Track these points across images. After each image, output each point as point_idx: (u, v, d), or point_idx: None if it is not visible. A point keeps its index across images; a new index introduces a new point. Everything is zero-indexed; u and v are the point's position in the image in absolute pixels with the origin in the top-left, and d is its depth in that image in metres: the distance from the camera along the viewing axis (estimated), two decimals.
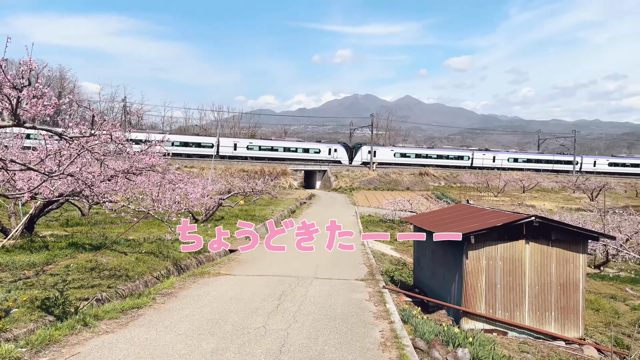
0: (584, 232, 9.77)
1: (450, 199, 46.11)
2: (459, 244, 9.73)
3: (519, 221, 9.48)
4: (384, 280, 12.14)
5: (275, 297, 9.36)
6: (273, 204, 32.54)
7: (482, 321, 9.63)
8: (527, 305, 9.67)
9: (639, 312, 14.26)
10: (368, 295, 9.79)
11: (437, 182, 64.20)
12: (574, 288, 9.83)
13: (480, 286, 9.60)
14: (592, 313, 13.62)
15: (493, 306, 9.64)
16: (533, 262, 9.69)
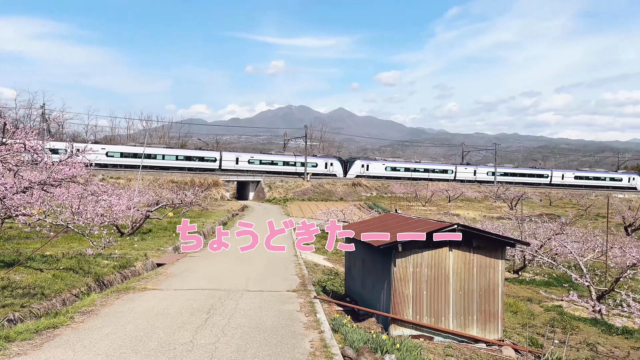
0: (502, 239, 10.37)
1: (381, 208, 47.27)
2: (388, 252, 9.99)
3: (443, 229, 9.89)
4: (316, 291, 12.21)
5: (204, 311, 9.12)
6: (204, 216, 31.80)
7: (409, 327, 9.91)
8: (452, 310, 10.08)
9: (552, 313, 15.27)
10: (299, 306, 9.79)
11: (370, 193, 65.68)
12: (494, 292, 10.38)
13: (408, 293, 9.90)
14: (510, 315, 14.41)
15: (420, 312, 9.96)
16: (456, 269, 10.13)
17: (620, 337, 13.37)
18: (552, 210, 56.88)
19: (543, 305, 16.45)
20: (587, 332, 13.52)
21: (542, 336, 12.38)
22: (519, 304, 15.70)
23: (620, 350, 12.18)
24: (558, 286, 19.49)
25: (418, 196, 59.94)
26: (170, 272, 13.69)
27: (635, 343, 12.92)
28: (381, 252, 10.26)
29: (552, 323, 13.94)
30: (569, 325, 13.84)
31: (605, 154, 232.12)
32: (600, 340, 12.86)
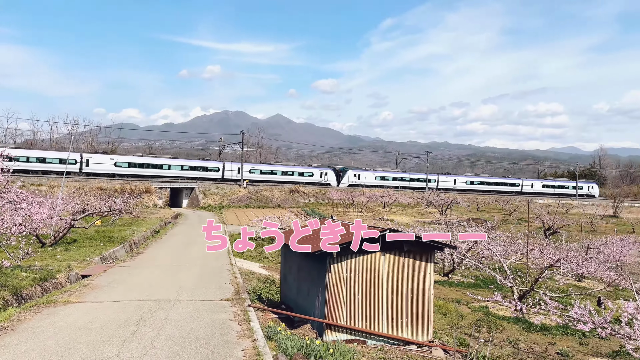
0: (432, 243, 10.76)
1: (319, 215, 47.62)
2: (323, 258, 10.08)
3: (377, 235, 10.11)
4: (251, 299, 12.08)
5: (132, 323, 8.76)
6: (134, 224, 30.58)
7: (343, 332, 10.03)
8: (384, 314, 10.31)
9: (479, 314, 16.03)
10: (233, 314, 9.64)
11: (307, 199, 65.94)
12: (425, 295, 10.73)
13: (342, 298, 10.02)
14: (440, 317, 14.97)
15: (354, 317, 10.11)
16: (388, 272, 10.39)
17: (539, 334, 14.26)
18: (480, 215, 59.77)
19: (471, 306, 17.22)
20: (510, 330, 14.31)
21: (470, 336, 12.95)
22: (448, 305, 16.34)
23: (539, 346, 12.98)
24: (484, 287, 20.50)
25: (355, 202, 60.93)
26: (97, 283, 13.03)
27: (552, 339, 13.83)
28: (316, 258, 10.33)
29: (478, 323, 14.62)
30: (494, 325, 14.59)
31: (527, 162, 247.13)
32: (522, 337, 13.65)
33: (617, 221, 61.82)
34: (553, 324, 15.15)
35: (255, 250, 26.13)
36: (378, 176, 79.28)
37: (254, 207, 56.67)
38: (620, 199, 72.17)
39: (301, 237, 12.04)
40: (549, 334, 14.34)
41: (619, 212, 68.14)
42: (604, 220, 61.52)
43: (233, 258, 19.51)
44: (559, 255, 16.48)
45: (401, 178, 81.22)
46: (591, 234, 45.70)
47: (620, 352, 12.34)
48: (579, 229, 51.11)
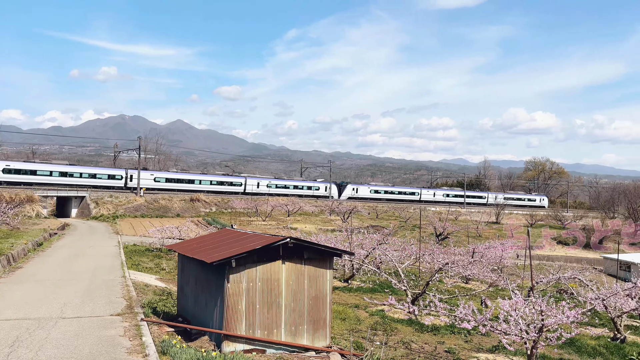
0: (329, 249, 11.02)
1: (221, 224, 46.63)
2: (221, 268, 9.88)
3: (276, 243, 10.14)
4: (145, 313, 11.49)
5: (6, 344, 7.92)
6: (13, 236, 27.72)
7: (242, 342, 9.89)
8: (284, 322, 10.34)
9: (375, 317, 16.66)
10: (123, 330, 9.10)
11: (209, 208, 64.31)
12: (323, 301, 10.93)
13: (241, 308, 9.89)
14: (339, 322, 15.33)
15: (253, 326, 10.02)
16: (288, 281, 10.45)
17: (430, 334, 15.15)
18: (379, 222, 62.32)
19: (368, 310, 17.85)
20: (404, 332, 15.04)
21: (366, 339, 13.42)
22: (347, 310, 16.79)
23: (429, 345, 13.79)
24: (382, 292, 21.35)
25: (258, 211, 60.56)
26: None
27: (441, 338, 14.77)
28: (214, 269, 10.10)
29: (375, 326, 15.19)
30: (389, 327, 15.24)
31: (422, 172, 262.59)
32: (414, 338, 14.41)
33: (498, 227, 67.75)
34: (442, 324, 16.16)
35: (151, 262, 24.93)
36: (372, 190, 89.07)
37: (152, 217, 54.08)
38: (501, 206, 79.18)
39: (199, 247, 11.74)
40: (438, 333, 15.29)
41: (500, 219, 74.71)
42: (487, 226, 67.11)
43: (127, 270, 18.43)
44: (447, 259, 17.69)
45: (392, 192, 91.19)
46: (477, 239, 49.64)
47: (498, 347, 13.46)
48: (467, 234, 55.33)
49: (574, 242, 62.71)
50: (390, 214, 74.40)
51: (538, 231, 67.56)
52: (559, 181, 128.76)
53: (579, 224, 71.34)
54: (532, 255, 50.79)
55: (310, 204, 71.65)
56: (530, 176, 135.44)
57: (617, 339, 16.59)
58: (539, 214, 79.22)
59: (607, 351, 15.31)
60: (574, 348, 15.34)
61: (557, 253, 55.42)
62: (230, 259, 9.57)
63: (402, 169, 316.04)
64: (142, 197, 61.08)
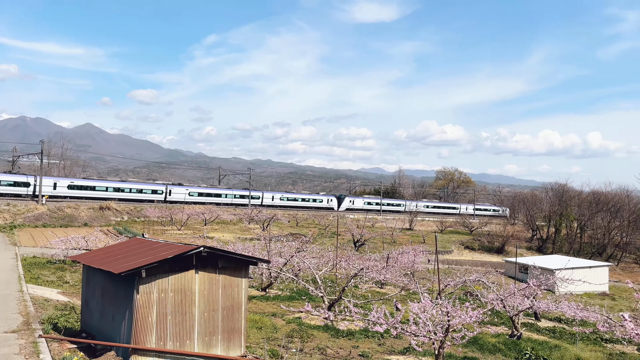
0: (245, 258, 10.94)
1: (132, 233, 44.45)
2: (131, 279, 9.45)
3: (189, 252, 9.89)
4: (44, 329, 10.67)
5: None
6: None
7: (152, 356, 9.51)
8: (197, 332, 10.08)
9: (292, 325, 16.70)
10: (19, 348, 8.41)
11: (120, 217, 61.07)
12: (238, 310, 10.81)
13: (151, 320, 9.51)
14: (256, 331, 15.19)
15: (164, 338, 9.67)
16: (202, 290, 10.22)
17: (345, 339, 15.47)
18: (298, 230, 62.63)
19: (285, 318, 17.85)
20: (320, 338, 15.22)
21: (282, 347, 13.42)
22: (264, 319, 16.67)
23: (344, 350, 14.07)
24: (299, 299, 21.46)
25: (174, 220, 58.47)
26: None
27: (356, 342, 15.13)
28: (123, 280, 9.64)
29: (291, 334, 15.23)
30: (306, 334, 15.35)
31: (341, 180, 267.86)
32: (330, 343, 14.63)
33: (412, 233, 70.77)
34: (357, 329, 16.59)
35: (53, 275, 23.24)
36: (366, 202, 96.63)
37: (55, 227, 50.32)
38: (414, 213, 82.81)
39: (107, 258, 11.16)
40: (353, 338, 15.65)
41: (413, 226, 78.07)
42: (402, 232, 69.84)
43: (25, 284, 17.02)
44: (362, 265, 18.18)
45: (383, 203, 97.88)
46: (392, 245, 51.46)
47: (409, 349, 14.04)
48: (383, 240, 57.22)
49: (480, 247, 67.17)
50: (310, 222, 75.06)
51: (447, 237, 71.51)
52: (467, 189, 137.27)
53: (484, 229, 76.41)
54: (442, 259, 53.67)
55: (229, 212, 70.43)
56: (440, 185, 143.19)
57: (514, 335, 17.95)
58: (448, 220, 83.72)
59: (506, 347, 16.51)
60: (476, 346, 16.38)
61: (464, 257, 58.99)
62: (140, 269, 9.20)
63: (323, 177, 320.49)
64: (44, 205, 56.71)
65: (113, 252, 11.88)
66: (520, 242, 73.04)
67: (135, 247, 11.67)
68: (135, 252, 10.94)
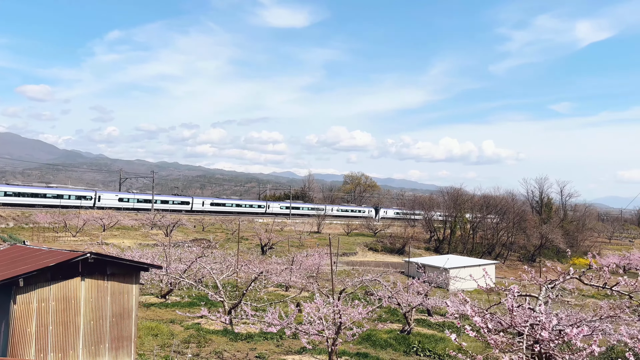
0: (135, 264, 10.79)
1: (18, 241, 40.98)
2: (7, 289, 8.96)
3: (75, 259, 9.59)
4: None
5: None
6: None
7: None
8: (82, 342, 9.78)
9: (191, 331, 16.56)
10: None
11: (5, 223, 55.89)
12: (129, 317, 10.62)
13: (30, 331, 9.09)
14: (151, 338, 14.87)
15: (45, 350, 9.28)
16: (89, 298, 9.93)
17: (244, 342, 15.64)
18: (205, 235, 61.39)
19: (184, 324, 17.63)
20: (218, 342, 15.26)
21: (179, 353, 13.32)
22: (160, 326, 16.36)
23: (242, 353, 14.27)
24: (200, 305, 21.21)
25: (68, 226, 54.65)
26: None
27: (254, 345, 15.37)
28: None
29: (188, 339, 15.13)
30: (204, 339, 15.33)
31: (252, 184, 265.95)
32: (227, 347, 14.74)
33: (319, 236, 72.22)
34: (257, 332, 16.84)
35: None
36: (395, 212, 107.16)
37: None
38: (322, 217, 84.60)
39: None
40: (252, 340, 15.87)
41: (321, 229, 79.73)
42: (310, 235, 71.05)
43: None
44: (262, 268, 18.47)
45: (404, 213, 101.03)
46: (299, 248, 52.24)
47: (306, 348, 14.56)
48: (291, 244, 57.87)
49: (383, 248, 70.29)
50: (217, 227, 73.81)
51: (353, 239, 73.94)
52: (372, 193, 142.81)
53: (387, 232, 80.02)
54: (347, 261, 55.46)
55: (130, 217, 67.27)
56: (348, 189, 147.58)
57: (405, 331, 19.21)
58: (354, 223, 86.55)
59: (396, 342, 17.65)
60: (369, 342, 17.34)
61: (368, 258, 61.44)
62: (17, 277, 8.78)
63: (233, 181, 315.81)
64: None
65: None
66: (420, 243, 77.56)
67: (15, 255, 11.03)
68: (15, 261, 10.36)
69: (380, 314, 23.22)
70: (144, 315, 18.13)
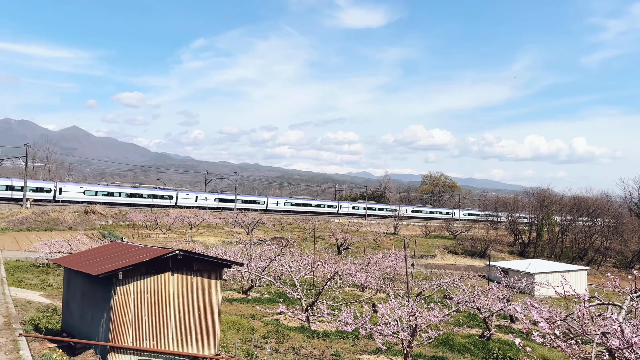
0: (218, 260, 11.47)
1: (116, 237, 44.58)
2: (108, 281, 9.93)
3: (165, 255, 10.41)
4: (25, 329, 11.10)
5: None
6: None
7: (129, 353, 9.99)
8: (172, 332, 10.59)
9: (270, 326, 17.22)
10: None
11: (105, 221, 60.99)
12: (212, 311, 11.33)
13: (128, 320, 10.00)
14: (234, 332, 15.68)
15: (140, 338, 10.16)
16: (177, 291, 10.73)
17: (320, 340, 16.02)
18: (283, 233, 63.08)
19: (264, 320, 18.37)
20: (296, 339, 15.76)
21: (259, 347, 13.94)
22: (242, 321, 17.18)
23: (318, 350, 14.63)
24: (278, 302, 21.96)
25: (159, 224, 58.57)
26: None
27: (331, 343, 15.68)
28: (101, 282, 10.13)
29: (268, 334, 15.76)
30: (282, 335, 15.89)
31: (328, 185, 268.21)
32: (304, 344, 15.18)
33: (396, 237, 71.53)
34: (333, 330, 17.16)
35: (37, 278, 23.51)
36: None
37: (40, 230, 50.28)
38: (399, 217, 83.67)
39: (87, 260, 11.62)
40: (328, 338, 16.20)
41: (398, 230, 78.91)
42: (386, 237, 70.59)
43: (7, 287, 17.34)
44: (337, 268, 18.78)
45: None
46: (376, 249, 52.11)
47: (381, 349, 14.64)
48: (367, 245, 57.89)
49: (463, 251, 68.15)
50: (295, 226, 75.50)
51: (432, 241, 72.44)
52: (452, 194, 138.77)
53: (468, 234, 77.50)
54: (425, 264, 54.42)
55: (214, 216, 70.67)
56: (426, 190, 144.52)
57: (484, 336, 18.65)
58: (432, 225, 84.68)
59: (475, 347, 17.19)
60: (447, 346, 17.04)
61: (447, 261, 59.84)
62: (117, 271, 9.70)
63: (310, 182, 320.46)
64: (28, 209, 56.53)
65: (93, 255, 12.34)
66: (503, 247, 74.35)
67: (114, 251, 12.15)
68: (114, 256, 11.43)
69: (458, 318, 22.67)
70: (227, 310, 19.11)
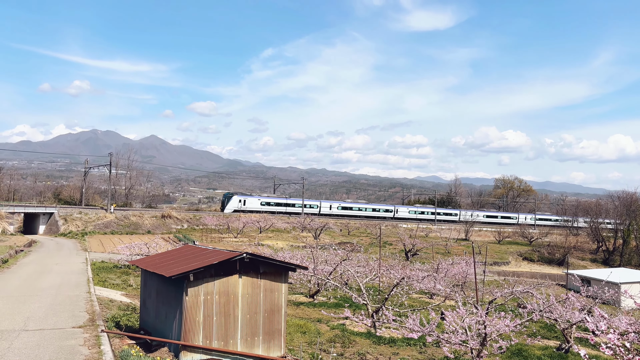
0: (284, 264, 11.69)
1: (190, 241, 46.67)
2: (180, 282, 10.44)
3: (233, 258, 10.77)
4: (107, 326, 11.90)
5: None
6: None
7: (200, 352, 10.42)
8: (240, 333, 10.92)
9: (336, 331, 17.28)
10: (83, 340, 9.56)
11: (180, 225, 64.07)
12: (278, 313, 11.56)
13: (199, 320, 10.44)
14: (300, 335, 15.89)
15: (210, 337, 10.56)
16: (245, 294, 11.06)
17: (387, 346, 15.83)
18: (350, 239, 63.07)
19: (330, 324, 18.45)
20: (361, 344, 15.68)
21: (325, 351, 14.04)
22: (308, 324, 17.36)
23: (384, 356, 14.47)
24: (344, 307, 21.98)
25: (230, 228, 60.63)
26: None
27: (397, 350, 15.46)
28: (174, 283, 10.65)
29: (333, 339, 15.81)
30: (348, 340, 15.87)
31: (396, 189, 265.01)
32: (370, 350, 15.07)
33: (467, 244, 69.27)
34: (400, 337, 16.90)
35: (119, 278, 25.09)
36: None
37: (122, 234, 53.71)
38: (470, 223, 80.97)
39: (161, 262, 12.27)
40: (395, 345, 15.98)
41: (469, 236, 76.37)
42: (457, 243, 68.56)
43: (92, 286, 18.68)
44: (403, 274, 18.49)
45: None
46: (445, 256, 50.74)
47: (448, 357, 14.24)
48: (436, 250, 56.54)
49: (539, 258, 64.68)
50: (362, 231, 75.27)
51: (505, 247, 69.43)
52: (527, 199, 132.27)
53: (545, 240, 73.51)
54: (499, 271, 52.21)
55: (283, 221, 71.99)
56: (499, 194, 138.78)
57: (562, 349, 17.58)
58: (506, 230, 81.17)
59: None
60: (520, 357, 16.24)
61: (522, 269, 57.07)
62: (189, 273, 10.16)
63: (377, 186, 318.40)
64: (112, 214, 60.58)
65: (167, 257, 13.02)
66: (584, 254, 69.76)
67: (186, 253, 12.74)
68: (186, 258, 11.98)
69: (533, 328, 21.56)
70: (293, 313, 19.40)
